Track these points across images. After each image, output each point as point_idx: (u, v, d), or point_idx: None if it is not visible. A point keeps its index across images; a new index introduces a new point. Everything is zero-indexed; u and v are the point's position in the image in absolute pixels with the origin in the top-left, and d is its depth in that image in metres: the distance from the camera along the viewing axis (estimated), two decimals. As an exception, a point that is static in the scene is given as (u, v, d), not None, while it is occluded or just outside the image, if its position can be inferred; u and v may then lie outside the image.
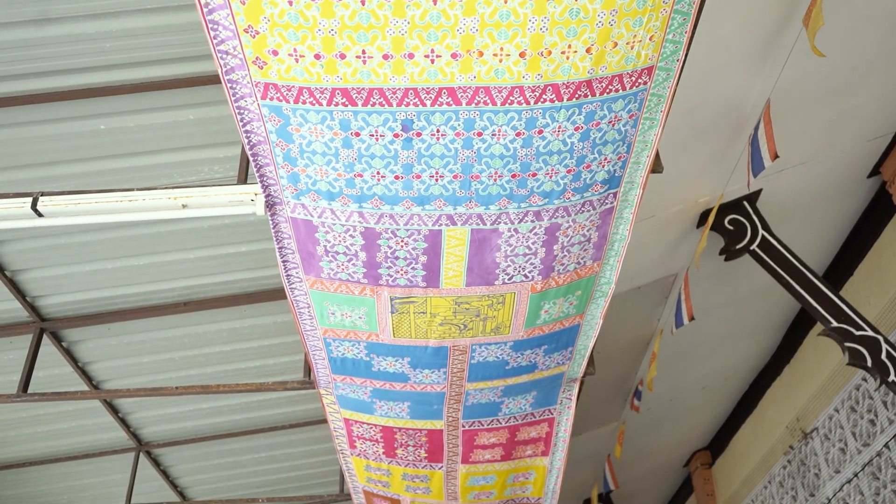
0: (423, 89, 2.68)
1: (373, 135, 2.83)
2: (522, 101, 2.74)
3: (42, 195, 3.33)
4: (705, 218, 5.43)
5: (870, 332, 4.89)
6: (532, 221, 3.28)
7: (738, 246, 5.37)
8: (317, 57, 2.58)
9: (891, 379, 4.76)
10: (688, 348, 7.13)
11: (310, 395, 6.61)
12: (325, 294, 3.67)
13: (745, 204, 5.44)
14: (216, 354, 6.05)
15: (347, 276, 3.53)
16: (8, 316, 5.37)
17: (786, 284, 5.18)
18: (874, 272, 6.11)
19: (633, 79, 2.78)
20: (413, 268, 3.47)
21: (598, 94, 2.77)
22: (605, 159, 3.08)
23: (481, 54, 2.59)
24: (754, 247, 5.34)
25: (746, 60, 4.35)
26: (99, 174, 4.33)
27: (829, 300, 5.05)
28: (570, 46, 2.59)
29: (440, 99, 2.72)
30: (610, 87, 2.77)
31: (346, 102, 2.72)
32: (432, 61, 2.60)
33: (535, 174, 3.04)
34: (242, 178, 3.60)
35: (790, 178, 5.43)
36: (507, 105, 2.75)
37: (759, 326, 7.34)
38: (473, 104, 2.74)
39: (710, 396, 8.43)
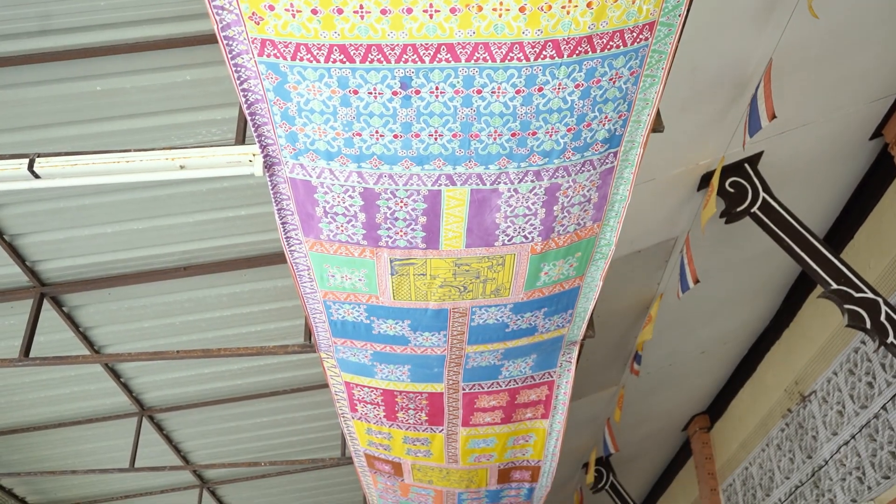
0: (421, 45, 2.65)
1: (371, 92, 2.80)
2: (522, 58, 2.70)
3: (38, 157, 3.31)
4: (706, 181, 5.41)
5: (869, 295, 4.89)
6: (532, 181, 3.26)
7: (739, 209, 5.36)
8: (314, 12, 2.54)
9: (889, 340, 4.77)
10: (687, 312, 7.15)
11: (311, 359, 6.64)
12: (324, 256, 3.66)
13: (746, 166, 5.42)
14: (217, 319, 6.07)
15: (347, 237, 3.52)
16: (8, 281, 5.37)
17: (786, 247, 5.17)
18: (874, 235, 6.10)
19: (635, 34, 2.75)
20: (413, 229, 3.46)
21: (598, 51, 2.74)
22: (606, 118, 3.05)
23: (480, 9, 2.55)
24: (755, 209, 5.32)
25: (749, 19, 4.30)
26: (96, 136, 4.30)
27: (829, 262, 5.05)
28: (570, 1, 2.55)
29: (439, 55, 2.69)
30: (611, 42, 2.73)
31: (344, 59, 2.68)
32: (431, 16, 2.57)
33: (534, 133, 3.01)
34: (240, 140, 3.58)
35: (792, 141, 5.40)
36: (506, 62, 2.72)
37: (758, 290, 7.35)
38: (473, 61, 2.71)
39: (709, 361, 8.47)
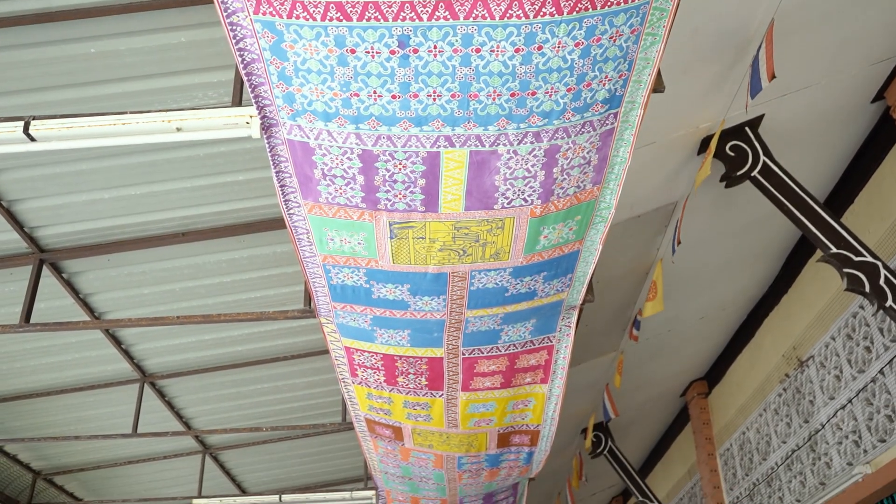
0: (419, 2, 2.61)
1: (368, 52, 2.77)
2: (521, 15, 2.67)
3: (34, 119, 3.29)
4: (707, 144, 5.37)
5: (869, 258, 4.88)
6: (531, 143, 3.23)
7: (739, 172, 5.32)
8: (309, -32, 2.50)
9: (888, 304, 4.76)
10: (687, 278, 7.16)
11: (311, 326, 6.67)
12: (323, 219, 3.65)
13: (746, 130, 5.37)
14: (216, 286, 6.08)
15: (346, 200, 3.50)
16: (7, 247, 5.37)
17: (786, 211, 5.15)
18: (875, 199, 6.08)
19: (636, -10, 2.71)
20: (411, 191, 3.44)
21: (599, 8, 2.70)
22: (606, 77, 3.02)
23: (478, -36, 2.51)
24: (755, 173, 5.29)
25: (751, -21, 4.24)
26: (91, 100, 4.27)
27: (829, 226, 5.03)
28: (570, -44, 2.52)
29: (437, 13, 2.65)
30: (611, -1, 2.69)
31: (341, 17, 2.65)
32: (428, -29, 2.53)
33: (534, 93, 2.98)
34: (237, 102, 3.54)
35: (793, 104, 5.35)
36: (505, 19, 2.68)
37: (758, 256, 7.35)
38: (471, 18, 2.67)
39: (708, 326, 8.49)
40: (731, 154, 5.35)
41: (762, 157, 5.31)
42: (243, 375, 7.61)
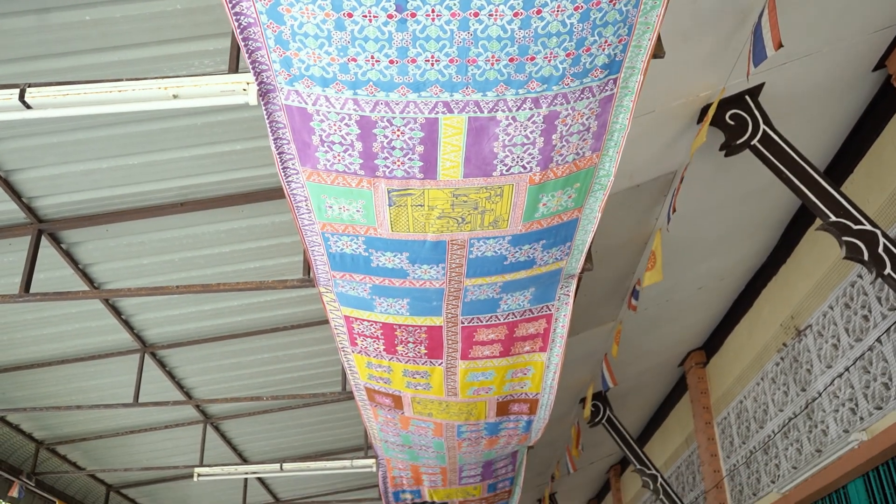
0: (416, -35, 2.59)
1: (366, 16, 2.75)
2: (520, -22, 2.64)
3: (29, 86, 3.27)
4: (706, 113, 5.34)
5: (868, 227, 4.87)
6: (530, 109, 3.22)
7: (739, 141, 5.30)
8: (306, -71, 2.47)
9: (887, 272, 4.77)
10: (685, 248, 7.16)
11: (310, 296, 6.68)
12: (322, 186, 3.64)
13: (746, 98, 5.34)
14: (215, 256, 6.08)
15: (344, 167, 3.49)
16: (5, 217, 5.36)
17: (786, 180, 5.13)
18: (874, 168, 6.07)
19: (636, -47, 2.68)
20: (410, 158, 3.43)
21: (598, -30, 2.68)
22: (606, 42, 2.99)
23: (477, -75, 2.48)
24: (755, 142, 5.26)
25: (753, -57, 4.19)
26: (87, 68, 4.24)
27: (828, 195, 5.02)
28: (570, -83, 2.48)
29: (435, -24, 2.63)
30: (611, -39, 2.66)
31: (338, -20, 2.62)
32: (426, -67, 2.50)
33: (533, 58, 2.96)
34: (234, 69, 3.52)
35: (793, 72, 5.32)
36: (504, -18, 2.65)
37: (757, 226, 7.35)
38: (469, -19, 2.65)
39: (707, 296, 8.51)
40: (731, 123, 5.32)
41: (762, 126, 5.28)
42: (243, 346, 7.64)
